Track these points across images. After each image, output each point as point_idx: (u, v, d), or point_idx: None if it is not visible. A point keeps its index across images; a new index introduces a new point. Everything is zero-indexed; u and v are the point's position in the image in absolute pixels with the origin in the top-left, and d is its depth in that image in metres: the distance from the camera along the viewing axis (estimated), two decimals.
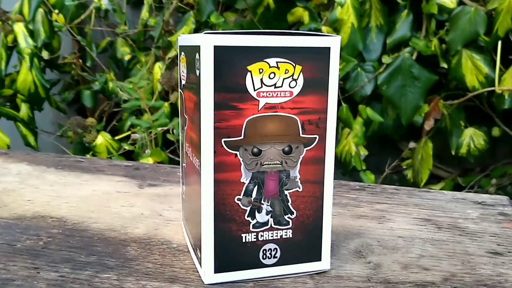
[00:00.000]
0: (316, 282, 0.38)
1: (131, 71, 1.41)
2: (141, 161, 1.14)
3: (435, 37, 1.12)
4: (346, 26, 1.10)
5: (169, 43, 1.28)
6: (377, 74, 1.13)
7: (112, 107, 1.45)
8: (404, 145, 1.30)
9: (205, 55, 0.34)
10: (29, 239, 0.44)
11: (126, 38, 1.42)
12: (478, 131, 1.17)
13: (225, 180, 0.36)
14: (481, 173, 1.30)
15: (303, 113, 0.36)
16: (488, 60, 1.07)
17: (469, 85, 1.09)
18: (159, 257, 0.41)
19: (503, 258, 0.42)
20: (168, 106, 1.21)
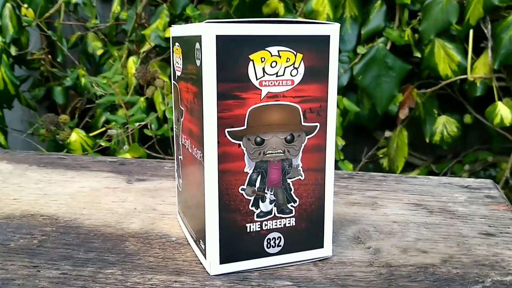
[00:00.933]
0: (320, 269, 0.38)
1: (103, 66, 1.39)
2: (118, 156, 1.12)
3: (408, 27, 1.13)
4: (321, 17, 1.10)
5: (143, 36, 1.27)
6: (352, 64, 1.14)
7: (84, 103, 1.42)
8: (379, 134, 1.32)
9: (207, 45, 0.34)
10: (22, 238, 0.43)
11: (97, 32, 1.39)
12: (450, 119, 1.20)
13: (228, 171, 0.36)
14: (453, 160, 1.34)
15: (304, 101, 0.37)
16: (460, 49, 1.10)
17: (442, 73, 1.12)
18: (160, 251, 0.41)
19: (496, 238, 0.44)
20: (144, 101, 1.20)
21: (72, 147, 1.22)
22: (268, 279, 0.36)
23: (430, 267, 0.38)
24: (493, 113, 1.07)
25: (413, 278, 0.36)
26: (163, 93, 1.20)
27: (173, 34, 0.43)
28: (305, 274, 0.37)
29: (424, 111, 1.20)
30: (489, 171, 1.26)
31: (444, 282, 0.36)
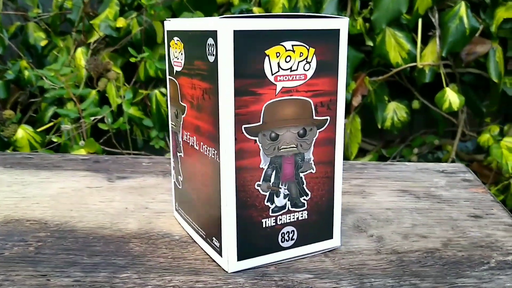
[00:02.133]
0: (332, 260, 0.39)
1: (47, 58, 1.32)
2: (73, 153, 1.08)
3: (359, 17, 1.16)
4: (277, 7, 1.11)
5: (90, 26, 1.22)
6: None
7: (27, 97, 1.35)
8: None
9: (223, 40, 0.33)
10: (16, 246, 0.41)
11: (39, 22, 1.32)
12: (400, 105, 1.24)
13: (245, 167, 0.36)
14: (401, 144, 1.39)
15: (316, 95, 0.37)
16: (410, 37, 1.14)
17: (393, 61, 1.15)
18: (168, 251, 0.40)
19: (484, 220, 0.46)
20: (96, 94, 1.16)
21: (19, 144, 1.16)
22: (286, 273, 0.37)
23: (435, 251, 0.40)
24: (442, 99, 1.12)
25: (423, 263, 0.38)
26: (116, 86, 1.17)
27: (170, 28, 0.42)
28: (320, 266, 0.38)
29: (375, 98, 1.23)
30: (437, 154, 1.33)
31: (453, 265, 0.38)
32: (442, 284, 0.35)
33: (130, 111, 1.13)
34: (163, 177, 0.58)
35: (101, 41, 1.23)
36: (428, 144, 1.35)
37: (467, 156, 1.32)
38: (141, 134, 1.29)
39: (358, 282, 0.35)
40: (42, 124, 1.25)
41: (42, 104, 1.28)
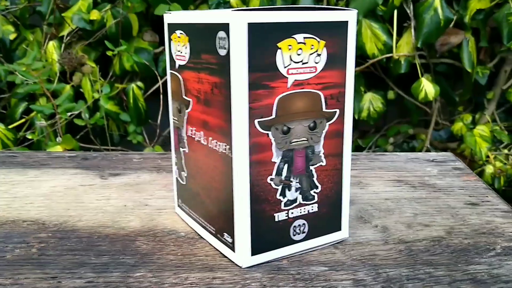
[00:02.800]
0: (342, 251, 0.39)
1: (15, 52, 1.28)
2: (49, 150, 1.05)
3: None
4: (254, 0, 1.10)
5: (62, 19, 1.18)
6: None
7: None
8: None
9: (237, 33, 0.33)
10: (17, 248, 0.40)
11: (7, 15, 1.27)
12: (376, 95, 1.26)
13: (258, 161, 0.35)
14: (376, 134, 1.41)
15: (325, 88, 0.37)
16: (385, 29, 1.15)
17: (369, 52, 1.17)
18: (176, 248, 0.40)
19: (481, 207, 0.47)
20: (70, 89, 1.13)
21: None
22: (301, 266, 0.37)
23: (441, 239, 0.41)
24: (418, 89, 1.14)
25: (432, 251, 0.39)
26: (92, 80, 1.14)
27: (172, 20, 0.41)
28: (332, 258, 0.38)
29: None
30: (412, 143, 1.35)
31: (461, 253, 0.38)
32: (455, 272, 0.35)
33: (106, 106, 1.11)
34: (157, 173, 0.57)
35: (73, 35, 1.20)
36: (402, 133, 1.37)
37: (441, 145, 1.36)
38: (117, 129, 1.27)
39: (374, 273, 0.35)
40: (13, 120, 1.21)
41: (11, 100, 1.24)
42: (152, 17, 1.21)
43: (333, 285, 0.34)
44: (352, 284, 0.34)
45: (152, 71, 1.17)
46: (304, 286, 0.34)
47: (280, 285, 0.34)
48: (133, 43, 1.18)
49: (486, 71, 1.18)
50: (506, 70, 1.24)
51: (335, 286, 0.34)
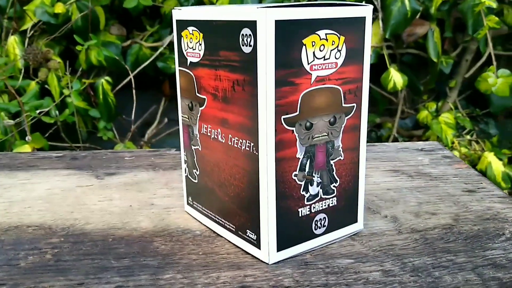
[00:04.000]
0: (361, 243, 0.40)
1: None
2: (16, 151, 1.01)
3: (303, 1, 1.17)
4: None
5: (23, 13, 1.14)
6: None
7: None
8: None
9: (264, 30, 0.33)
10: (29, 255, 0.38)
11: None
12: None
13: (283, 158, 0.36)
14: None
15: (344, 83, 0.37)
16: None
17: None
18: (196, 247, 0.39)
19: (478, 194, 0.49)
20: (36, 85, 1.09)
21: None
22: (326, 259, 0.37)
23: (452, 227, 0.42)
24: (387, 79, 1.17)
25: (446, 239, 0.40)
26: (57, 75, 1.10)
27: (182, 17, 0.41)
28: (353, 250, 0.39)
29: None
30: (380, 132, 1.38)
31: (474, 239, 0.40)
32: (474, 258, 0.37)
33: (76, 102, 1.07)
34: (154, 171, 0.56)
35: (36, 29, 1.16)
36: (369, 122, 1.40)
37: (406, 133, 1.39)
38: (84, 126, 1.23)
39: (399, 263, 0.36)
40: None
41: None
42: (118, 9, 1.18)
43: (363, 277, 0.34)
44: (382, 275, 0.35)
45: (121, 65, 1.15)
46: (336, 279, 0.34)
47: (313, 280, 0.34)
48: (99, 37, 1.15)
49: (450, 61, 1.22)
50: (467, 59, 1.29)
51: (366, 277, 0.34)
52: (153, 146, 1.28)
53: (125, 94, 1.17)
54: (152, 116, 1.31)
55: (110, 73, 1.19)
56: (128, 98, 1.19)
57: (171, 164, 0.58)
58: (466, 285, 0.33)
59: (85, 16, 1.10)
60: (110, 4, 1.15)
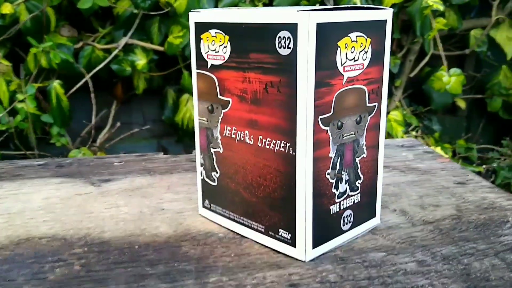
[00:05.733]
0: (382, 236, 0.41)
1: None
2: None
3: (260, 2, 1.19)
4: None
5: None
6: None
7: None
8: None
9: (306, 33, 0.33)
10: (56, 267, 0.37)
11: None
12: None
13: (318, 157, 0.36)
14: None
15: (369, 83, 0.39)
16: None
17: None
18: (225, 249, 0.39)
19: (469, 185, 0.53)
20: None
21: None
22: (358, 254, 0.38)
23: (459, 217, 0.45)
24: None
25: (459, 229, 0.43)
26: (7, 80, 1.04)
27: (201, 19, 0.40)
28: (378, 243, 0.40)
29: None
30: None
31: (484, 227, 0.43)
32: (493, 244, 0.39)
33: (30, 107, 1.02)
34: (150, 176, 0.55)
35: None
36: None
37: None
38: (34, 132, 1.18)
39: (429, 253, 0.38)
40: None
41: None
42: (67, 10, 1.14)
43: (401, 268, 0.36)
44: (418, 265, 0.36)
45: (73, 68, 1.11)
46: (376, 272, 0.36)
47: (356, 274, 0.35)
48: (50, 38, 1.10)
49: (397, 61, 1.28)
50: (411, 59, 1.36)
51: (404, 268, 0.36)
52: (107, 151, 1.25)
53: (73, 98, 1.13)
54: (103, 120, 1.27)
55: (59, 76, 1.15)
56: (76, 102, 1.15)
57: (166, 168, 0.57)
58: (494, 269, 0.36)
59: (35, 17, 1.05)
60: (58, 5, 1.11)
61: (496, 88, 1.39)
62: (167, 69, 1.21)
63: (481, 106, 1.49)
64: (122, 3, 1.14)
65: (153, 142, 1.39)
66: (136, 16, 1.13)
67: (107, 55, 1.15)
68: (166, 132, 1.37)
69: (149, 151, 1.31)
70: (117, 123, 1.27)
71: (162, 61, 1.19)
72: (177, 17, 1.11)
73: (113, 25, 1.19)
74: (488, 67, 1.45)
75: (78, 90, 1.13)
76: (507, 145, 1.39)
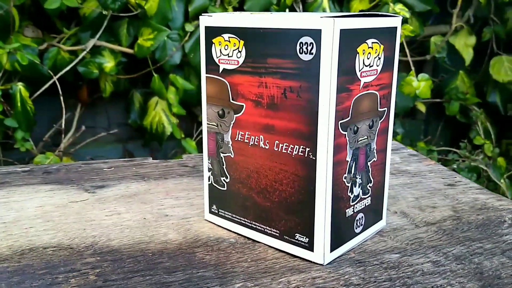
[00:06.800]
0: (390, 238, 0.42)
1: None
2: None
3: (230, 6, 1.19)
4: None
5: None
6: (184, 42, 1.14)
7: None
8: (199, 110, 1.36)
9: (330, 39, 0.34)
10: (69, 278, 0.35)
11: None
12: None
13: (337, 161, 0.37)
14: None
15: (381, 89, 0.40)
16: None
17: None
18: (241, 255, 0.39)
19: (459, 187, 0.55)
20: None
21: None
22: (373, 255, 0.39)
23: (458, 218, 0.46)
24: None
25: (461, 229, 0.44)
26: None
27: (213, 24, 0.40)
28: (388, 245, 0.41)
29: None
30: None
31: (484, 227, 0.44)
32: (498, 243, 0.41)
33: None
34: (145, 182, 0.54)
35: None
36: None
37: None
38: None
39: (441, 253, 0.39)
40: None
41: None
42: (31, 10, 1.10)
43: (418, 269, 0.37)
44: (433, 265, 0.37)
45: (38, 70, 1.07)
46: (396, 272, 0.36)
47: (376, 275, 0.36)
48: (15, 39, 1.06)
49: None
50: None
51: (421, 269, 0.37)
52: (73, 156, 1.21)
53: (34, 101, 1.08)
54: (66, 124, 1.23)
55: (21, 78, 1.10)
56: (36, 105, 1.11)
57: (159, 173, 0.56)
58: (504, 267, 0.37)
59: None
60: (21, 5, 1.07)
61: (454, 92, 1.45)
62: (134, 72, 1.18)
63: (439, 110, 1.55)
64: (89, 4, 1.11)
65: (118, 147, 1.36)
66: (104, 17, 1.10)
67: (73, 57, 1.11)
68: (131, 136, 1.35)
69: (114, 155, 1.28)
70: (81, 127, 1.23)
71: (129, 64, 1.17)
72: (147, 19, 1.09)
73: (78, 26, 1.15)
74: (445, 73, 1.50)
75: (40, 93, 1.09)
76: (465, 147, 1.45)
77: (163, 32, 1.08)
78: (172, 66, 1.15)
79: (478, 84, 1.47)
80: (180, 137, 1.16)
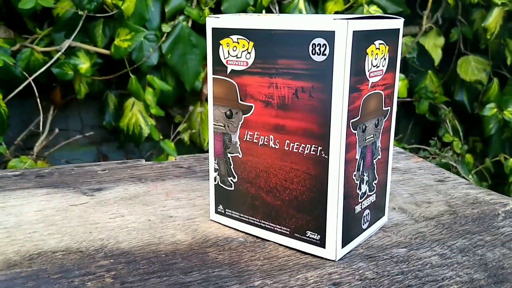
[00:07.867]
0: (393, 233, 0.44)
1: None
2: None
3: (206, 7, 1.19)
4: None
5: None
6: (160, 43, 1.13)
7: None
8: (174, 111, 1.35)
9: (343, 41, 0.35)
10: (85, 281, 0.35)
11: None
12: None
13: (348, 160, 0.38)
14: None
15: (385, 88, 0.41)
16: None
17: None
18: (252, 253, 0.39)
19: (449, 183, 0.56)
20: None
21: None
22: (382, 250, 0.40)
23: (455, 212, 0.48)
24: None
25: (460, 223, 0.46)
26: None
27: (221, 25, 0.40)
28: (393, 240, 0.42)
29: None
30: None
31: (480, 220, 0.46)
32: (497, 236, 0.43)
33: None
34: (143, 184, 0.54)
35: None
36: None
37: None
38: None
39: (445, 247, 0.41)
40: None
41: None
42: (1, 10, 1.07)
43: (427, 262, 0.38)
44: (440, 258, 0.39)
45: (12, 72, 1.04)
46: (407, 266, 0.38)
47: (389, 269, 0.37)
48: None
49: None
50: None
51: (429, 262, 0.38)
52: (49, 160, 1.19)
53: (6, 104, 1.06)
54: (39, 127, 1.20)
55: None
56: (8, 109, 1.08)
57: (155, 175, 0.56)
58: (506, 258, 0.39)
59: None
60: None
61: (423, 92, 1.49)
62: (109, 73, 1.17)
63: (409, 109, 1.59)
64: (62, 4, 1.09)
65: (93, 149, 1.34)
66: (79, 17, 1.09)
67: (46, 58, 1.09)
68: (105, 139, 1.33)
69: (89, 158, 1.26)
70: (55, 129, 1.21)
71: (104, 65, 1.15)
72: (124, 19, 1.08)
73: (50, 26, 1.13)
74: (414, 73, 1.54)
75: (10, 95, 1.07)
76: (434, 145, 1.49)
77: (140, 32, 1.07)
78: (149, 67, 1.14)
79: (446, 84, 1.52)
80: (158, 139, 1.15)
